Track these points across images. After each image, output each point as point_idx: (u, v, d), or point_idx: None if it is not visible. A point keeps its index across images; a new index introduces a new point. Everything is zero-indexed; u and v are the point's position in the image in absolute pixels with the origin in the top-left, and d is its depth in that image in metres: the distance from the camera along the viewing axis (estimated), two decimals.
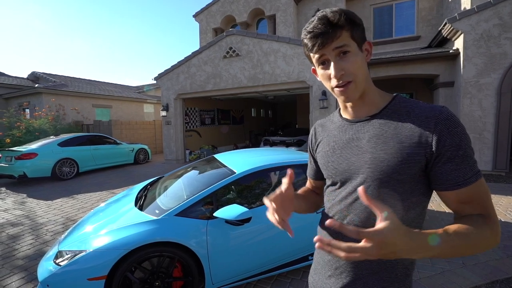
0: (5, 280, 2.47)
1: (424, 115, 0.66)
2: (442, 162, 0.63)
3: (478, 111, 5.59)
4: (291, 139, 8.32)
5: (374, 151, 0.69)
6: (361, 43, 0.70)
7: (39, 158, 6.45)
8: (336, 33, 0.66)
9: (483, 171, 5.59)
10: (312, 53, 0.71)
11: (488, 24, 5.36)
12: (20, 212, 4.39)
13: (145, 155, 9.47)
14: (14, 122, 9.53)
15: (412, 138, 0.65)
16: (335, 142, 0.79)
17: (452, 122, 0.62)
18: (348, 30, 0.67)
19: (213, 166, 2.81)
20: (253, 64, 7.63)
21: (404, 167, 0.65)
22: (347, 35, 0.67)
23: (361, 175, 0.71)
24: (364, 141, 0.72)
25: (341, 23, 0.66)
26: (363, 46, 0.71)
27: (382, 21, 9.18)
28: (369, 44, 0.72)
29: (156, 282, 1.92)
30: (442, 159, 0.62)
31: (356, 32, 0.69)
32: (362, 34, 0.70)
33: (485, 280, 2.24)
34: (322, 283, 0.82)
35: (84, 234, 2.09)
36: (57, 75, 14.49)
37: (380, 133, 0.70)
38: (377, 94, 0.75)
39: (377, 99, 0.75)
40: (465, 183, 0.62)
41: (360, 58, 0.69)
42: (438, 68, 6.31)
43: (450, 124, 0.62)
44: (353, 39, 0.68)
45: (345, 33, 0.67)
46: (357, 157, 0.72)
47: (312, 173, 0.97)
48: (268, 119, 18.05)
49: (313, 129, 0.93)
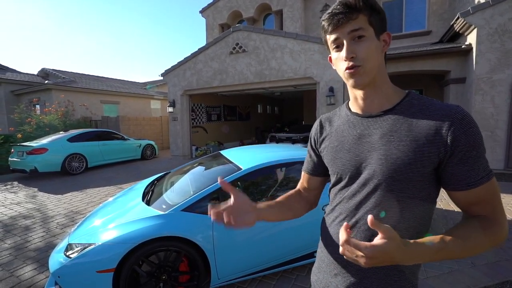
0: (18, 270, 2.55)
1: (439, 114, 0.64)
2: (455, 162, 0.62)
3: (490, 108, 5.43)
4: (298, 136, 8.29)
5: (386, 147, 0.67)
6: (380, 32, 0.69)
7: (49, 153, 6.59)
8: (353, 14, 0.65)
9: (494, 170, 5.45)
10: (328, 35, 0.70)
11: (503, 18, 5.17)
12: (31, 205, 4.51)
13: (152, 151, 9.57)
14: (25, 118, 9.73)
15: (427, 136, 0.64)
16: (344, 137, 0.77)
17: (467, 122, 0.61)
18: (366, 14, 0.66)
19: (219, 162, 2.82)
20: (259, 60, 7.58)
21: (417, 165, 0.64)
22: (365, 19, 0.66)
23: (371, 171, 0.69)
24: (375, 137, 0.70)
25: (359, 6, 0.65)
26: (382, 36, 0.69)
27: (391, 15, 8.97)
28: (388, 35, 0.70)
29: (163, 276, 1.94)
30: (455, 159, 0.62)
31: (375, 19, 0.67)
32: (381, 23, 0.69)
33: (494, 280, 2.19)
34: (327, 281, 0.81)
35: (93, 227, 2.13)
36: (66, 71, 14.72)
37: (393, 129, 0.68)
38: (391, 88, 0.73)
39: (390, 93, 0.73)
40: (476, 184, 0.61)
41: (374, 45, 0.67)
42: (450, 64, 6.15)
43: (465, 124, 0.61)
44: (371, 24, 0.67)
45: (362, 16, 0.66)
46: (368, 153, 0.71)
47: (309, 168, 0.94)
48: (275, 115, 17.98)
49: (318, 123, 0.89)
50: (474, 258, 2.50)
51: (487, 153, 5.43)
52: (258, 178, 2.42)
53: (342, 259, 0.75)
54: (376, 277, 0.70)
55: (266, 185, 2.43)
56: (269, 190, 2.38)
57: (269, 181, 2.47)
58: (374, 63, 0.68)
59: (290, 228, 2.22)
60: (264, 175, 2.44)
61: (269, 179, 2.48)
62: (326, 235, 0.83)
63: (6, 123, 11.83)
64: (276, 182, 2.47)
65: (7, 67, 14.47)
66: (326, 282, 0.81)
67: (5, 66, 14.37)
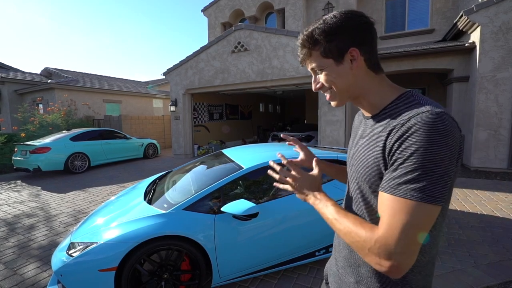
0: (21, 269, 2.58)
1: (403, 116, 0.59)
2: (391, 169, 0.58)
3: (494, 107, 5.39)
4: (300, 135, 8.27)
5: (361, 150, 0.71)
6: (340, 55, 0.67)
7: (52, 152, 6.64)
8: (306, 55, 0.71)
9: (498, 169, 5.41)
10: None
11: (507, 16, 5.12)
12: (34, 204, 4.54)
13: (154, 150, 9.61)
14: (28, 117, 9.80)
15: (379, 141, 0.62)
16: (353, 137, 0.82)
17: (419, 129, 0.54)
18: (317, 49, 0.69)
19: (221, 161, 2.82)
20: (261, 59, 7.57)
21: (373, 169, 0.64)
22: (317, 55, 0.69)
23: (352, 173, 0.75)
24: (364, 140, 0.72)
25: (308, 45, 0.69)
26: (346, 56, 0.67)
27: (394, 13, 8.91)
28: (354, 51, 0.66)
29: (164, 275, 1.95)
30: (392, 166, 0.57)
31: (329, 48, 0.67)
32: (339, 45, 0.66)
33: (497, 280, 2.18)
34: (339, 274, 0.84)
35: (95, 226, 2.14)
36: (69, 70, 14.78)
37: (370, 134, 0.70)
38: (378, 95, 0.70)
39: (377, 101, 0.70)
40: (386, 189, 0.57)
41: (335, 71, 0.68)
42: (453, 62, 6.10)
43: (420, 131, 0.53)
44: (326, 56, 0.68)
45: (315, 52, 0.69)
46: (354, 155, 0.75)
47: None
48: (277, 114, 17.96)
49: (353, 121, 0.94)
50: (476, 258, 2.49)
51: (490, 151, 5.41)
52: (259, 177, 2.42)
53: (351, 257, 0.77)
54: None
55: (267, 184, 2.43)
56: (271, 189, 2.38)
57: (271, 180, 2.47)
58: (342, 86, 0.70)
59: (291, 227, 2.22)
60: (265, 174, 2.44)
61: (270, 178, 2.47)
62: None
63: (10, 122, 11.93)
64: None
65: (10, 67, 14.58)
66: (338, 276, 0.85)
67: (8, 66, 14.48)
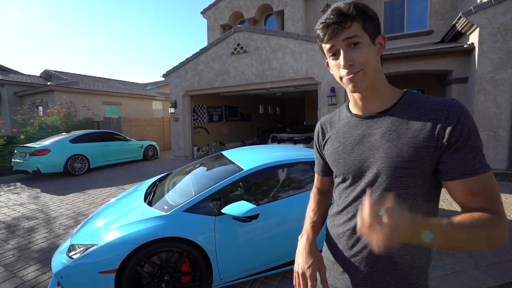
0: (21, 271, 2.56)
1: (435, 108, 0.66)
2: (451, 152, 0.63)
3: (493, 108, 5.40)
4: (299, 136, 8.27)
5: (387, 146, 0.69)
6: (374, 36, 0.70)
7: (52, 154, 6.63)
8: (347, 23, 0.67)
9: (497, 170, 5.42)
10: (324, 43, 0.72)
11: (505, 17, 5.14)
12: (34, 206, 4.53)
13: (153, 152, 9.60)
14: (27, 119, 9.79)
15: (425, 132, 0.65)
16: (346, 139, 0.79)
17: (462, 113, 0.63)
18: (359, 21, 0.67)
19: (221, 162, 2.82)
20: (261, 61, 7.58)
21: (418, 161, 0.65)
22: (358, 26, 0.67)
23: (375, 170, 0.70)
24: (376, 137, 0.72)
25: (352, 14, 0.67)
26: (377, 39, 0.71)
27: (393, 15, 8.95)
28: (382, 38, 0.72)
29: (165, 277, 1.95)
30: (451, 149, 0.63)
31: (369, 24, 0.69)
32: (375, 27, 0.70)
33: (498, 281, 2.18)
34: (334, 279, 0.82)
35: (95, 228, 2.14)
36: (69, 72, 14.78)
37: (393, 128, 0.70)
38: (388, 89, 0.75)
39: (388, 94, 0.74)
40: (472, 173, 0.61)
41: (371, 50, 0.69)
42: (452, 63, 6.12)
43: (460, 115, 0.63)
44: (365, 30, 0.68)
45: (356, 24, 0.67)
46: (370, 153, 0.72)
47: (320, 169, 0.98)
48: (276, 116, 17.96)
49: (319, 126, 0.92)
50: (476, 259, 2.49)
51: (490, 152, 5.43)
52: (260, 179, 2.42)
53: (350, 257, 0.76)
54: (386, 272, 0.71)
55: (268, 186, 2.43)
56: (271, 190, 2.38)
57: (271, 181, 2.47)
58: (372, 67, 0.69)
59: (292, 228, 2.21)
60: (266, 176, 2.44)
61: (271, 179, 2.48)
62: (334, 233, 0.84)
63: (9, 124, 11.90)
64: (278, 182, 2.46)
65: (10, 69, 14.56)
66: (333, 280, 0.82)
67: (8, 68, 14.46)
